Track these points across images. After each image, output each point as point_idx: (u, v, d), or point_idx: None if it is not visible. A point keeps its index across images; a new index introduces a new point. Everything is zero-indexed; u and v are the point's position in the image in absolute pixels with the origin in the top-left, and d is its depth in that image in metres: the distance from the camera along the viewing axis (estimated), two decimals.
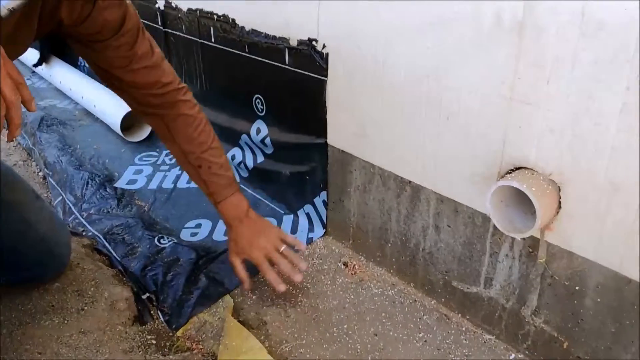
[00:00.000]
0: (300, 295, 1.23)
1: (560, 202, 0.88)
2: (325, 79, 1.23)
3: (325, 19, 1.17)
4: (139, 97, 1.13)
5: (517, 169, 0.92)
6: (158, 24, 1.81)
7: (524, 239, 0.96)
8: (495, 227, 1.00)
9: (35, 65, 2.56)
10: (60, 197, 1.66)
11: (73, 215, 1.55)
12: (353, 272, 1.29)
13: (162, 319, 1.19)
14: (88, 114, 2.23)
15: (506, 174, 0.93)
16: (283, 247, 1.21)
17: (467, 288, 1.11)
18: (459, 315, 1.15)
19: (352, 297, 1.22)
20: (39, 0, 0.85)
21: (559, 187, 0.88)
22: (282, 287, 1.17)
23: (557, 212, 0.89)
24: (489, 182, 0.96)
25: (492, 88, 0.91)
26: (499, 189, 0.89)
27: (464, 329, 1.13)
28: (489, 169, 0.97)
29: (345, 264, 1.32)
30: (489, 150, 0.95)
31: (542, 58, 0.83)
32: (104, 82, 1.13)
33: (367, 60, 1.11)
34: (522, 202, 0.91)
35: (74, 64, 2.57)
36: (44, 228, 1.15)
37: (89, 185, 1.67)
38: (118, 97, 1.16)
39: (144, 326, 1.17)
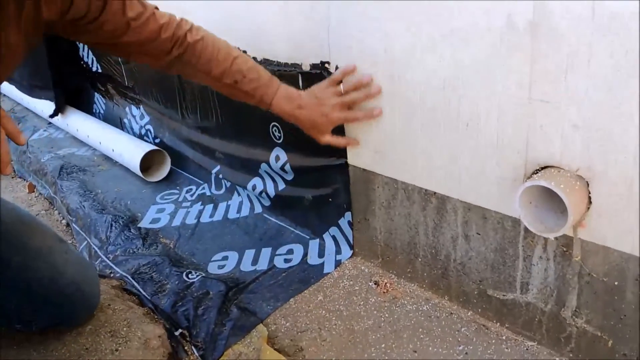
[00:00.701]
0: (333, 318, 1.22)
1: (590, 198, 0.87)
2: None
3: (336, 41, 1.18)
4: (154, 51, 1.11)
5: (543, 168, 0.92)
6: None
7: (556, 238, 0.95)
8: (526, 230, 0.99)
9: (52, 116, 2.60)
10: (86, 242, 1.67)
11: (100, 259, 1.56)
12: (385, 291, 1.28)
13: (196, 354, 1.18)
14: (107, 158, 2.26)
15: (532, 174, 0.92)
16: (341, 88, 1.18)
17: (504, 295, 1.09)
18: (498, 324, 1.13)
19: (386, 315, 1.20)
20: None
21: (587, 182, 0.87)
22: (377, 111, 1.16)
23: (588, 208, 0.88)
24: (515, 184, 0.96)
25: (510, 89, 0.91)
26: (527, 189, 0.88)
27: (504, 337, 1.10)
28: (514, 171, 0.96)
29: (376, 283, 1.31)
30: (512, 152, 0.95)
31: (558, 55, 0.83)
32: (119, 55, 1.11)
33: (381, 77, 1.12)
34: (551, 201, 0.90)
35: (89, 111, 2.61)
36: (71, 271, 1.15)
37: (113, 228, 1.68)
38: (135, 140, 1.16)
39: None
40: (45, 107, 2.68)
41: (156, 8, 1.11)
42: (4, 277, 1.08)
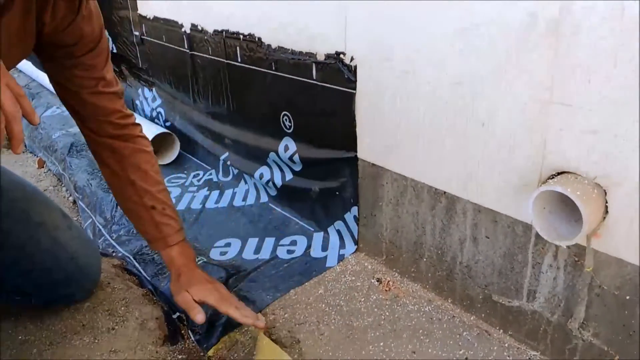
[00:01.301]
0: (333, 313, 1.19)
1: (607, 207, 0.84)
2: (354, 91, 1.21)
3: (353, 31, 1.16)
4: (98, 123, 1.11)
5: (559, 173, 0.89)
6: (184, 48, 1.83)
7: (568, 247, 0.92)
8: (537, 236, 0.96)
9: None
10: (90, 220, 1.66)
11: (103, 237, 1.55)
12: (387, 289, 1.25)
13: (193, 339, 1.16)
14: None
15: (548, 179, 0.90)
16: (236, 301, 1.14)
17: (509, 302, 1.07)
18: (501, 331, 1.11)
19: (387, 314, 1.18)
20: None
21: (604, 191, 0.84)
22: (261, 323, 1.10)
23: (604, 218, 0.85)
24: (529, 188, 0.93)
25: (529, 90, 0.88)
26: (541, 194, 0.86)
27: (506, 345, 1.08)
28: (529, 175, 0.93)
29: (379, 280, 1.29)
30: (528, 156, 0.92)
31: (581, 57, 0.80)
32: (65, 105, 1.11)
33: (396, 71, 1.09)
34: (565, 208, 0.88)
35: None
36: (74, 247, 1.15)
37: (118, 207, 1.66)
38: (147, 122, 1.16)
39: (174, 346, 1.15)
40: None
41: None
42: (7, 249, 1.07)
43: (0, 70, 0.64)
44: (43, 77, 2.91)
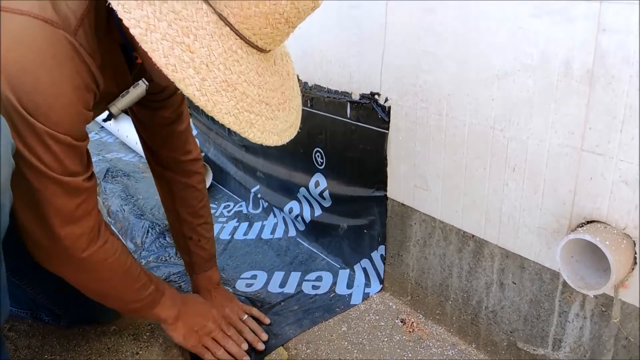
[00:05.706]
0: (355, 351, 1.19)
1: (635, 258, 0.84)
2: (387, 131, 1.23)
3: (388, 73, 1.19)
4: (162, 157, 1.21)
5: (588, 222, 0.89)
6: None
7: (596, 296, 0.91)
8: (564, 285, 0.96)
9: (105, 120, 2.66)
10: None
11: None
12: (411, 330, 1.25)
13: None
14: None
15: (577, 227, 0.90)
16: (245, 317, 1.25)
17: (534, 350, 1.05)
18: None
19: (409, 355, 1.17)
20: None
21: (634, 242, 0.84)
22: (260, 346, 1.20)
23: (632, 269, 0.85)
24: (558, 236, 0.93)
25: (561, 138, 0.89)
26: (570, 242, 0.86)
27: None
28: (558, 223, 0.93)
29: (402, 320, 1.28)
30: (558, 203, 0.92)
31: (614, 107, 0.81)
32: (139, 135, 1.22)
33: (430, 112, 1.11)
34: (594, 257, 0.87)
35: None
36: None
37: (149, 234, 1.70)
38: None
39: None
40: None
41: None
42: (40, 269, 1.10)
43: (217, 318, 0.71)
44: None
